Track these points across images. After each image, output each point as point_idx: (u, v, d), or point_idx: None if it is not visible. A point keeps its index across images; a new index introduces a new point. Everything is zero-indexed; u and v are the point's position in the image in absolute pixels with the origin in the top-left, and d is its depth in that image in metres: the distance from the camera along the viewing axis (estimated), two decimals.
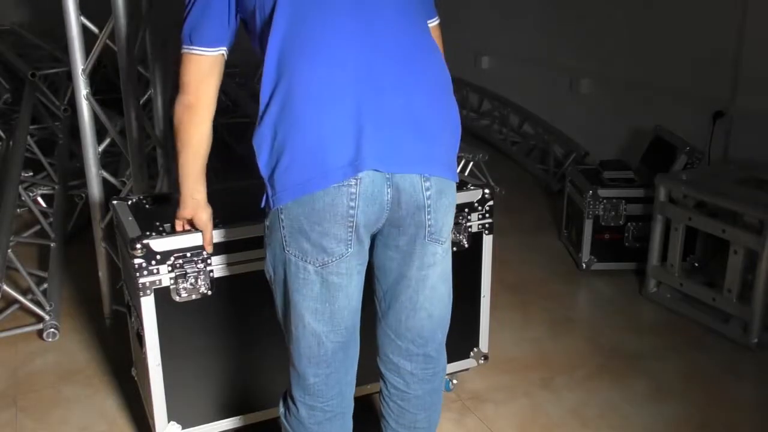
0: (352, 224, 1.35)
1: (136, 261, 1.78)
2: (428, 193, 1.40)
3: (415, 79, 1.39)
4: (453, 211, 1.49)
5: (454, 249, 2.18)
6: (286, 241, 1.38)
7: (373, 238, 1.46)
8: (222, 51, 1.47)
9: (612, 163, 3.53)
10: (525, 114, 5.00)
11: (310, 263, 1.38)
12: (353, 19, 1.36)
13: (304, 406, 1.52)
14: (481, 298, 2.28)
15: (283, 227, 1.37)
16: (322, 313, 1.42)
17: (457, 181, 1.48)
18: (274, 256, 1.43)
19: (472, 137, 5.16)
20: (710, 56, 3.60)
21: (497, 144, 5.10)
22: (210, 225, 1.75)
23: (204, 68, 1.46)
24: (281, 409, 1.59)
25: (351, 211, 1.34)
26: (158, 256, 1.80)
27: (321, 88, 1.33)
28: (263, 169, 1.38)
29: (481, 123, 5.39)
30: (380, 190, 1.35)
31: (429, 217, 1.41)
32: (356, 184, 1.33)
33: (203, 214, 1.71)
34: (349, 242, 1.37)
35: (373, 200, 1.35)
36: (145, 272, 1.79)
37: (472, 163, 4.20)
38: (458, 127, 1.48)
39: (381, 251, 1.47)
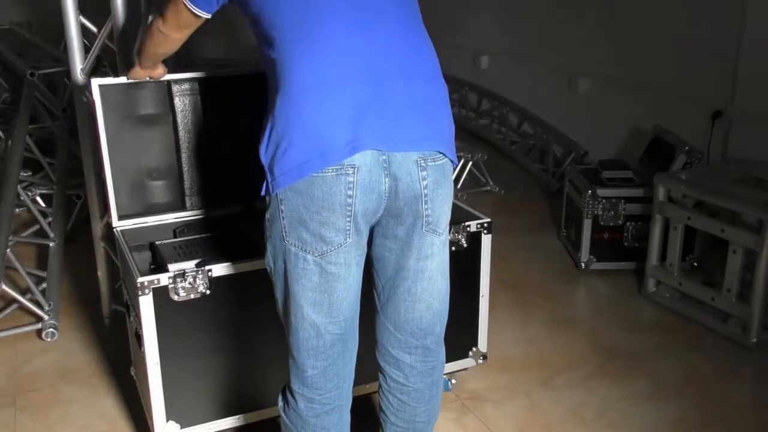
0: (350, 213, 1.37)
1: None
2: (425, 182, 1.42)
3: (414, 65, 1.42)
4: (450, 201, 1.51)
5: (453, 249, 2.19)
6: (285, 232, 1.40)
7: (372, 230, 1.47)
8: (207, 16, 1.57)
9: (611, 162, 3.54)
10: (524, 113, 5.00)
11: (309, 253, 1.39)
12: (352, 8, 1.37)
13: (303, 398, 1.53)
14: (480, 298, 2.28)
15: (283, 218, 1.39)
16: (321, 303, 1.44)
17: (456, 163, 1.51)
18: (274, 248, 1.44)
19: (471, 137, 5.16)
20: (709, 56, 3.60)
21: (496, 143, 5.10)
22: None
23: (188, 21, 1.59)
24: (280, 403, 1.60)
25: (349, 200, 1.35)
26: None
27: (320, 77, 1.34)
28: (263, 156, 1.40)
29: (480, 122, 5.39)
30: (378, 180, 1.37)
31: (426, 207, 1.43)
32: (353, 173, 1.34)
33: (161, 70, 2.04)
34: (348, 232, 1.38)
35: (370, 189, 1.37)
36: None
37: (471, 163, 4.21)
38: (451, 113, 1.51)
39: (379, 242, 1.49)
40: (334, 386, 1.52)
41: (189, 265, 1.92)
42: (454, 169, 4.01)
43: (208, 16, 1.56)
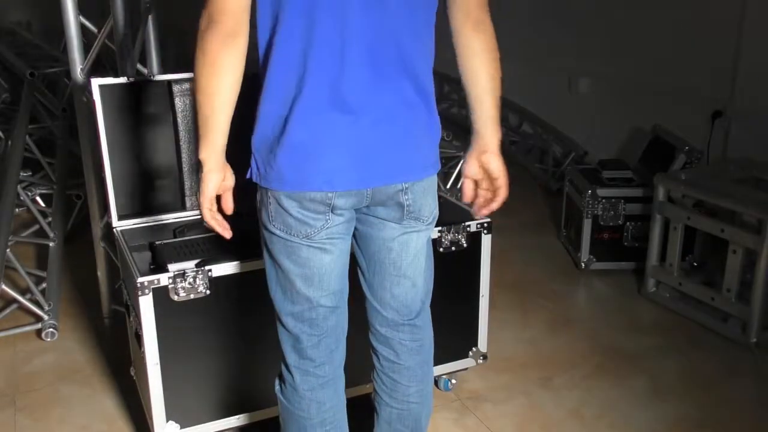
0: (329, 206, 1.42)
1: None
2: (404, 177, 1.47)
3: (403, 94, 1.41)
4: (432, 192, 1.53)
5: (453, 249, 2.19)
6: (272, 216, 1.45)
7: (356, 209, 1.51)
8: None
9: (611, 162, 3.54)
10: (524, 113, 5.00)
11: (294, 236, 1.44)
12: (362, 21, 1.34)
13: (299, 371, 1.56)
14: (480, 298, 2.28)
15: (269, 203, 1.44)
16: (311, 278, 1.48)
17: (438, 169, 1.53)
18: (264, 227, 1.50)
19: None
20: (709, 56, 3.60)
21: None
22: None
23: None
24: (277, 386, 1.63)
25: (330, 195, 1.41)
26: None
27: (314, 102, 1.35)
28: (254, 148, 1.44)
29: None
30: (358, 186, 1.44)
31: (406, 197, 1.47)
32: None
33: (231, 177, 1.48)
34: (329, 215, 1.43)
35: (350, 192, 1.42)
36: None
37: None
38: (439, 126, 1.51)
39: (362, 218, 1.52)
40: (327, 359, 1.56)
41: (189, 265, 1.92)
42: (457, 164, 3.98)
43: None
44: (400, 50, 1.38)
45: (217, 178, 1.43)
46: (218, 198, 1.47)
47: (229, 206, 1.48)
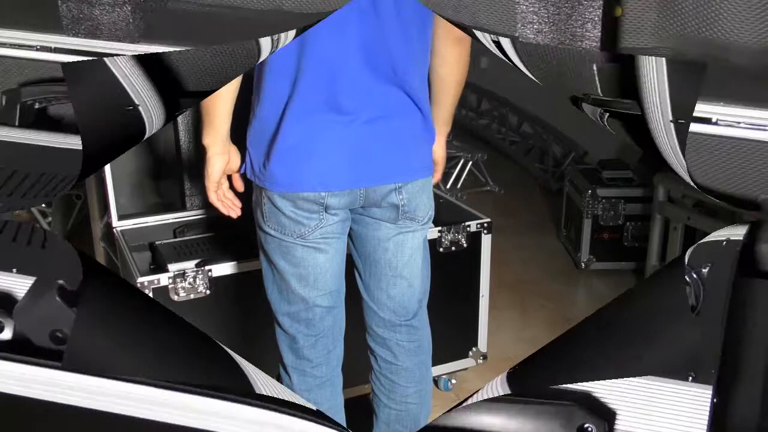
0: (323, 205, 1.43)
1: None
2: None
3: (397, 97, 1.43)
4: (428, 190, 1.54)
5: (453, 249, 2.19)
6: (266, 216, 1.46)
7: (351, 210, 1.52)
8: None
9: (611, 162, 3.54)
10: (524, 113, 5.00)
11: (288, 235, 1.46)
12: (358, 27, 1.35)
13: (296, 371, 1.57)
14: (480, 298, 2.28)
15: (264, 203, 1.46)
16: (306, 277, 1.49)
17: (432, 174, 1.55)
18: (259, 227, 1.51)
19: (470, 137, 5.16)
20: None
21: (496, 143, 5.10)
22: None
23: None
24: None
25: (322, 195, 1.42)
26: None
27: (310, 103, 1.37)
28: (250, 147, 1.46)
29: (480, 122, 5.39)
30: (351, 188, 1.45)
31: (401, 197, 1.48)
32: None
33: (236, 159, 1.50)
34: (322, 215, 1.44)
35: (343, 192, 1.44)
36: None
37: (471, 163, 4.21)
38: (433, 130, 1.54)
39: (357, 218, 1.53)
40: (324, 360, 1.57)
41: (189, 265, 1.92)
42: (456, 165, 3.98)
43: None
44: (395, 56, 1.40)
45: (222, 161, 1.47)
46: (230, 179, 1.53)
47: (239, 184, 1.53)
